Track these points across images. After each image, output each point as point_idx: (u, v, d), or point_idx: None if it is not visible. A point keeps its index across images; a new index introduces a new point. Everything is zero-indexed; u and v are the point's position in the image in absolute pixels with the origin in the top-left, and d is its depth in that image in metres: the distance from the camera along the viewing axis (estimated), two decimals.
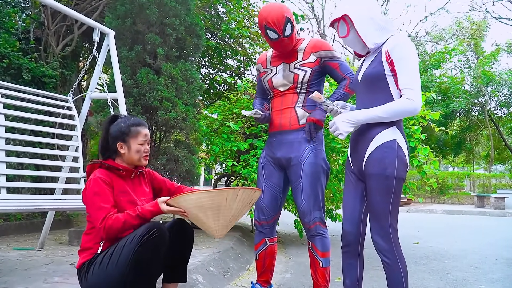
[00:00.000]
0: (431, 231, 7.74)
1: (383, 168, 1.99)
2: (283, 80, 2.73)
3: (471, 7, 22.92)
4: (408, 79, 1.96)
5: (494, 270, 4.11)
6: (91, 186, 2.01)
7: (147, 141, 2.22)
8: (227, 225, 2.02)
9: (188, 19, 4.82)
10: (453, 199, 17.57)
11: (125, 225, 1.93)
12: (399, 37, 2.03)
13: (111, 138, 2.17)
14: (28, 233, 4.87)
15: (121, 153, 2.17)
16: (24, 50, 5.39)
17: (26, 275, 2.71)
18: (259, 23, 2.62)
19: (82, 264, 2.03)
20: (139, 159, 2.18)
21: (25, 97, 3.43)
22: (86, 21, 3.58)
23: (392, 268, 2.00)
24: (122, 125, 2.17)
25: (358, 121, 2.02)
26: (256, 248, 2.84)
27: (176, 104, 4.44)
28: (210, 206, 1.92)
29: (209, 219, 1.96)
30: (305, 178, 2.62)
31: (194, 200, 1.91)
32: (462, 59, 22.11)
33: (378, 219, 2.02)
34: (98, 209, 1.95)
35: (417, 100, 1.94)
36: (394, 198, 2.00)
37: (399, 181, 2.01)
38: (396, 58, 1.99)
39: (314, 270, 2.68)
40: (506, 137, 22.23)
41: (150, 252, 1.90)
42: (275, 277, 3.53)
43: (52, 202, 3.08)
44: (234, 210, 1.98)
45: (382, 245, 2.01)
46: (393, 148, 2.00)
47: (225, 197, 1.92)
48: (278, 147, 2.73)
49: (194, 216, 1.98)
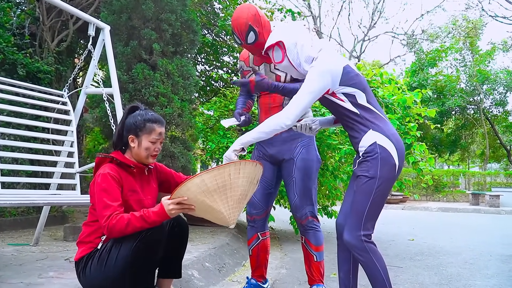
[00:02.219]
0: (426, 228, 7.77)
1: (366, 170, 2.05)
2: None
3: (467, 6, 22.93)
4: (296, 96, 2.11)
5: (489, 266, 4.13)
6: (100, 181, 1.95)
7: (160, 140, 2.15)
8: (237, 206, 1.91)
9: (184, 15, 4.80)
10: (448, 197, 17.63)
11: (128, 226, 1.86)
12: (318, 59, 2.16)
13: (126, 129, 2.12)
14: (23, 229, 4.85)
15: (130, 147, 2.12)
16: (19, 46, 5.36)
17: (20, 270, 2.70)
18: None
19: (81, 257, 2.01)
20: (146, 157, 2.12)
21: (20, 92, 3.41)
22: (81, 15, 3.56)
23: (367, 265, 2.03)
24: (138, 118, 2.12)
25: (243, 142, 2.08)
26: (249, 243, 2.84)
27: (172, 100, 4.43)
28: (215, 187, 1.81)
29: (218, 204, 1.84)
30: (297, 173, 2.63)
31: (197, 185, 1.80)
32: (458, 58, 22.17)
33: (352, 217, 2.07)
34: (104, 207, 1.89)
35: (287, 117, 2.07)
36: (374, 199, 2.03)
37: (385, 182, 2.04)
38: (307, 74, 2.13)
39: (308, 265, 2.69)
40: (501, 135, 22.32)
41: (148, 250, 1.89)
42: (271, 273, 3.54)
43: (47, 197, 3.07)
44: (241, 188, 1.88)
45: (353, 244, 2.04)
46: (375, 151, 2.05)
47: (228, 173, 1.82)
48: (270, 145, 2.73)
49: (201, 205, 1.85)
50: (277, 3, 8.70)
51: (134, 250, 1.86)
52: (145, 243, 1.87)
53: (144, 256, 1.90)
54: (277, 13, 7.89)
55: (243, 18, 2.50)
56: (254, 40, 2.53)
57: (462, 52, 21.93)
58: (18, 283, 2.37)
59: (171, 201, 1.84)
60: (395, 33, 24.57)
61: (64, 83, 5.27)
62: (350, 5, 24.43)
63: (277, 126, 2.07)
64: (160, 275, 2.26)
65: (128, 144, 2.12)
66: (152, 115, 2.16)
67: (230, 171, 1.82)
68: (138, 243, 1.86)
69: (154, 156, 2.16)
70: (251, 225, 2.83)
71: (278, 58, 2.25)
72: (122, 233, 1.87)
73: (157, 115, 2.21)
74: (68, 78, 4.75)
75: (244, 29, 2.50)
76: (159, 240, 1.94)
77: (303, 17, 8.19)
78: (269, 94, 2.73)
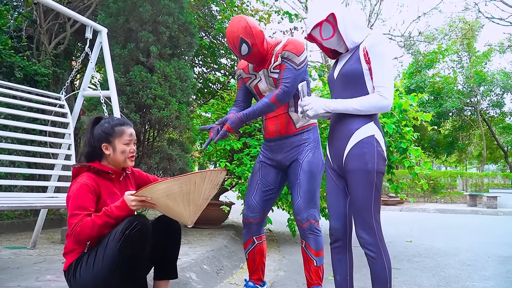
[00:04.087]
0: (424, 229, 7.78)
1: (364, 163, 2.02)
2: (268, 86, 2.73)
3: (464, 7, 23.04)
4: (382, 77, 2.02)
5: (487, 268, 4.14)
6: (73, 190, 1.96)
7: (133, 141, 2.16)
8: (198, 209, 2.00)
9: (181, 17, 4.80)
10: (446, 198, 17.68)
11: (94, 227, 1.86)
12: (376, 36, 2.08)
13: (95, 140, 2.11)
14: (20, 232, 4.83)
15: (106, 155, 2.12)
16: (16, 48, 5.35)
17: (18, 273, 2.69)
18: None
19: (69, 265, 2.00)
20: (124, 160, 2.13)
21: (17, 95, 3.41)
22: (78, 18, 3.56)
23: (376, 261, 2.02)
24: (105, 125, 2.12)
25: (332, 108, 2.07)
26: (245, 247, 2.84)
27: (170, 102, 4.42)
28: (179, 193, 1.88)
29: (179, 206, 1.92)
30: (303, 175, 2.64)
31: (163, 190, 1.86)
32: (455, 59, 22.26)
33: (361, 214, 2.04)
34: (72, 216, 1.90)
35: (390, 98, 2.01)
36: (375, 192, 2.04)
37: (379, 175, 2.05)
38: (374, 56, 2.03)
39: (307, 269, 2.69)
40: (498, 136, 22.40)
41: (133, 247, 1.88)
42: (269, 275, 3.54)
43: (44, 200, 3.06)
44: (203, 193, 1.96)
45: (367, 239, 2.03)
46: (372, 144, 2.04)
47: (193, 181, 1.88)
48: (278, 151, 2.75)
49: (164, 205, 1.94)
50: (274, 6, 8.72)
51: (119, 248, 1.85)
52: (130, 239, 1.85)
53: (130, 253, 1.88)
54: (274, 15, 7.91)
55: (234, 32, 2.54)
56: (248, 51, 2.57)
57: (459, 53, 22.02)
58: (16, 287, 2.36)
59: (134, 198, 1.89)
60: (392, 35, 24.62)
61: (61, 86, 5.26)
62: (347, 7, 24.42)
63: (382, 108, 2.01)
64: (156, 277, 2.26)
65: (102, 154, 2.12)
66: (118, 120, 2.18)
67: (196, 179, 1.90)
68: (122, 244, 1.85)
69: (132, 158, 2.16)
70: (246, 229, 2.82)
71: (327, 34, 2.14)
72: (90, 236, 1.88)
73: (123, 118, 2.23)
74: (65, 80, 4.75)
75: (237, 41, 2.54)
76: (143, 237, 1.91)
77: (301, 19, 8.20)
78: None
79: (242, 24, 2.53)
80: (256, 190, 2.79)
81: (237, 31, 2.53)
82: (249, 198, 2.80)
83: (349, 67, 2.10)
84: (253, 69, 2.79)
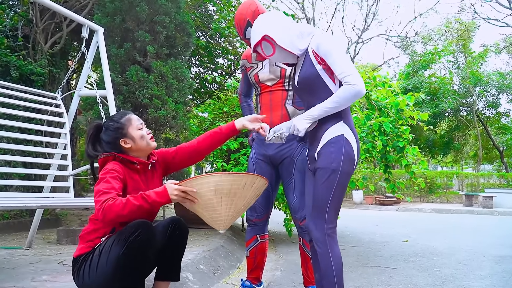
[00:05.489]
0: (420, 229, 7.79)
1: (329, 162, 2.05)
2: (269, 75, 2.72)
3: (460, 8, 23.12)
4: (342, 68, 2.02)
5: (482, 267, 4.15)
6: (102, 174, 1.91)
7: (143, 123, 2.14)
8: (236, 215, 1.95)
9: (178, 17, 4.80)
10: (442, 198, 17.71)
11: (126, 206, 1.75)
12: (319, 36, 2.12)
13: (109, 143, 2.07)
14: (16, 232, 4.81)
15: (126, 149, 2.08)
16: (12, 48, 5.33)
17: (13, 274, 2.68)
18: None
19: (78, 255, 1.98)
20: (147, 144, 2.10)
21: (13, 94, 3.39)
22: (75, 17, 3.55)
23: (322, 258, 2.03)
24: (111, 124, 2.09)
25: (312, 116, 2.06)
26: (247, 244, 2.84)
27: (166, 102, 4.42)
28: (228, 191, 1.82)
29: (222, 206, 1.85)
30: (297, 174, 2.63)
31: (213, 183, 1.79)
32: (451, 60, 22.33)
33: (316, 209, 2.07)
34: (101, 194, 1.81)
35: (359, 83, 1.99)
36: (336, 192, 2.05)
37: (344, 175, 2.06)
38: (324, 54, 2.06)
39: (304, 266, 2.69)
40: (493, 137, 22.50)
41: (136, 255, 1.86)
42: (266, 275, 3.54)
43: (40, 200, 3.04)
44: (247, 199, 1.92)
45: (315, 235, 2.06)
46: (340, 143, 2.07)
47: (244, 183, 1.84)
48: (269, 146, 2.72)
49: (206, 202, 1.84)
50: (271, 6, 8.72)
51: (123, 254, 1.83)
52: (133, 246, 1.83)
53: (133, 261, 1.86)
54: None
55: (242, 14, 2.60)
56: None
57: (455, 54, 22.09)
58: (11, 287, 2.35)
59: (178, 187, 1.82)
60: (388, 35, 24.70)
61: (57, 85, 5.25)
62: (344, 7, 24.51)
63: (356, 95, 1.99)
64: (158, 278, 2.24)
65: (122, 150, 2.08)
66: (117, 113, 2.17)
67: (247, 181, 1.86)
68: (125, 250, 1.83)
69: (152, 138, 2.15)
70: (251, 227, 2.82)
71: (268, 51, 2.20)
72: (119, 215, 1.76)
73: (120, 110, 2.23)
74: (61, 80, 4.73)
75: (243, 24, 2.61)
76: (147, 245, 1.89)
77: (297, 20, 8.20)
78: (270, 93, 2.73)
79: (251, 8, 2.59)
80: None
81: (245, 13, 2.59)
82: None
83: (304, 72, 2.14)
84: (256, 58, 2.80)
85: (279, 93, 2.70)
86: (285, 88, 2.70)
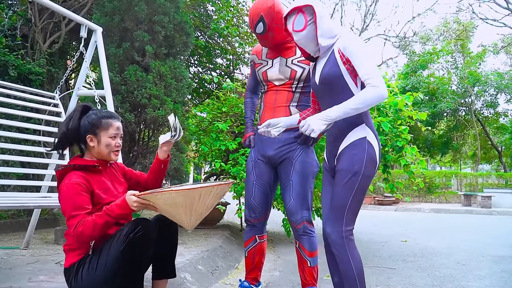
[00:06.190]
0: (418, 229, 7.80)
1: (351, 164, 2.03)
2: (278, 75, 2.69)
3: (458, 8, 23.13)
4: (367, 69, 1.97)
5: (481, 267, 4.15)
6: (64, 192, 1.91)
7: (119, 135, 2.14)
8: (199, 217, 1.98)
9: (177, 17, 4.78)
10: (441, 198, 17.74)
11: (95, 227, 1.82)
12: (347, 36, 2.08)
13: (82, 130, 2.08)
14: (13, 232, 4.80)
15: (90, 147, 2.09)
16: (11, 47, 5.32)
17: (10, 274, 2.67)
18: None
19: (71, 264, 1.97)
20: (108, 154, 2.10)
21: (11, 94, 3.38)
22: (73, 17, 3.54)
23: (342, 261, 2.02)
24: (93, 117, 2.09)
25: (330, 118, 1.98)
26: (245, 245, 2.82)
27: (165, 102, 4.41)
28: (182, 203, 1.85)
29: (181, 215, 1.90)
30: (295, 176, 2.61)
31: (166, 199, 1.84)
32: (449, 60, 22.37)
33: (334, 212, 2.05)
34: (71, 217, 1.86)
35: (382, 86, 1.94)
36: (356, 195, 2.03)
37: (366, 178, 2.04)
38: (351, 54, 2.02)
39: (302, 269, 2.68)
40: (492, 136, 22.55)
41: (137, 250, 1.87)
42: (264, 275, 3.53)
43: (37, 200, 3.04)
44: (207, 204, 1.94)
45: (333, 238, 2.04)
46: (363, 146, 2.05)
47: (198, 194, 1.86)
48: (270, 146, 2.70)
49: (164, 211, 1.93)
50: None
51: (123, 251, 1.84)
52: (133, 243, 1.85)
53: (134, 257, 1.87)
54: None
55: (258, 8, 2.57)
56: (262, 31, 2.59)
57: (453, 54, 22.12)
58: (8, 287, 2.34)
59: (136, 199, 1.86)
60: (387, 36, 24.70)
61: (56, 85, 5.23)
62: (342, 7, 24.48)
63: (379, 98, 1.93)
64: (155, 277, 2.24)
65: (86, 144, 2.10)
66: (106, 112, 2.15)
67: (201, 192, 1.87)
68: (126, 247, 1.84)
69: (117, 153, 2.14)
70: (250, 227, 2.81)
71: (299, 26, 2.11)
72: (92, 236, 1.84)
73: (111, 111, 2.20)
74: (60, 79, 4.72)
75: (256, 18, 2.57)
76: (147, 241, 1.91)
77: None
78: (275, 92, 2.70)
79: (268, 4, 2.55)
80: (254, 191, 2.76)
81: (260, 7, 2.56)
82: (248, 199, 2.78)
83: (328, 70, 2.10)
84: (266, 55, 2.77)
85: (284, 93, 2.68)
86: (292, 90, 2.68)
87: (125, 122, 4.31)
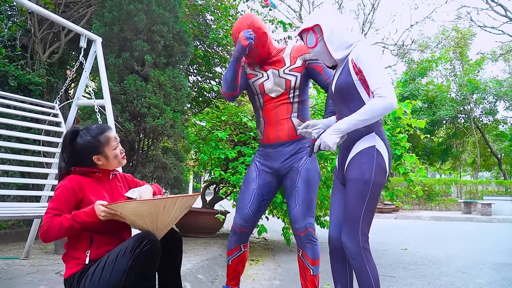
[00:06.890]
0: (419, 237, 7.78)
1: (361, 173, 2.05)
2: (275, 86, 2.71)
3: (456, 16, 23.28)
4: (376, 79, 2.00)
5: (481, 275, 4.14)
6: (56, 190, 1.98)
7: (118, 141, 2.18)
8: (165, 228, 2.02)
9: (176, 27, 4.82)
10: (441, 206, 17.72)
11: (60, 229, 1.86)
12: (360, 46, 2.11)
13: (82, 154, 2.08)
14: (13, 242, 4.78)
15: (98, 165, 2.11)
16: (10, 57, 5.34)
17: (11, 284, 2.67)
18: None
19: (71, 275, 1.96)
20: (119, 162, 2.16)
21: (11, 104, 3.39)
22: (73, 27, 3.56)
23: (360, 271, 2.03)
24: (88, 138, 2.08)
25: (341, 130, 2.02)
26: (229, 254, 2.77)
27: (164, 111, 4.43)
28: (148, 213, 1.90)
29: (147, 225, 1.94)
30: (301, 183, 2.61)
31: (131, 209, 1.89)
32: (448, 67, 22.46)
33: (349, 222, 2.06)
34: (46, 213, 1.91)
35: (390, 96, 1.95)
36: (368, 203, 2.05)
37: (376, 186, 2.05)
38: (362, 64, 2.05)
39: (304, 278, 2.66)
40: (491, 144, 22.56)
41: (144, 266, 1.86)
42: (264, 284, 3.53)
43: (37, 210, 3.03)
44: (172, 215, 1.98)
45: (350, 248, 2.04)
46: (372, 155, 2.06)
47: (163, 206, 1.90)
48: (277, 158, 2.72)
49: (131, 221, 1.97)
50: (268, 15, 8.76)
51: (130, 266, 1.82)
52: (141, 257, 1.83)
53: (141, 271, 1.85)
54: (269, 24, 7.95)
55: (239, 27, 2.63)
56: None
57: (452, 62, 22.22)
58: None
59: (104, 209, 1.88)
60: (385, 44, 24.82)
61: (55, 95, 5.25)
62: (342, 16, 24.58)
63: (386, 108, 1.95)
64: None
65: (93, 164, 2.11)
66: (96, 127, 2.14)
67: (166, 204, 1.91)
68: (133, 263, 1.82)
69: (124, 157, 2.20)
70: (236, 237, 2.76)
71: (311, 43, 2.21)
72: (57, 237, 1.88)
73: (100, 124, 2.23)
74: (59, 89, 4.74)
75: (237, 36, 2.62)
76: (154, 256, 1.89)
77: (294, 29, 8.24)
78: (274, 107, 2.71)
79: (247, 21, 2.61)
80: (252, 199, 2.73)
81: (241, 26, 2.62)
82: (244, 207, 2.72)
83: (341, 80, 2.14)
84: (260, 67, 2.79)
85: (284, 106, 2.70)
86: (290, 101, 2.70)
87: (124, 131, 4.32)
